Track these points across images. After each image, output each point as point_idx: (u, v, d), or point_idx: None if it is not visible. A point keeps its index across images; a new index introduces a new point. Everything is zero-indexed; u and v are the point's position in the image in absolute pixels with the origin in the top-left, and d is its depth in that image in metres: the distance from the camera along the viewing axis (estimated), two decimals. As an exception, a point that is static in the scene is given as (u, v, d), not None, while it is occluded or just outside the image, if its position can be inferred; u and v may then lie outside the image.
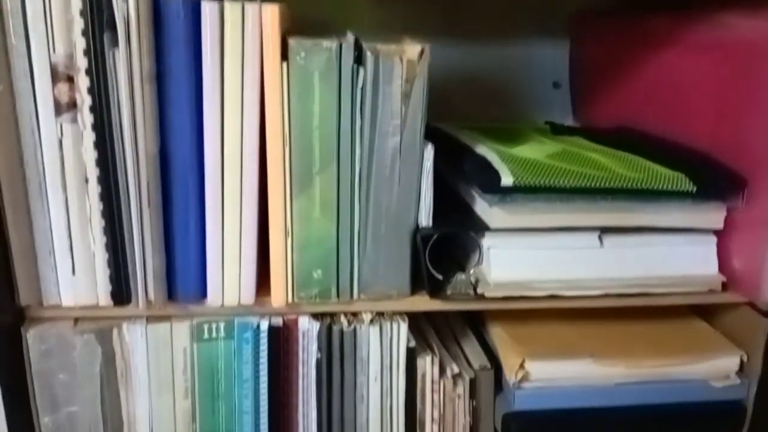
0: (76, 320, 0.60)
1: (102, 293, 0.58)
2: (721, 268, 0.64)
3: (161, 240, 0.58)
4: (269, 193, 0.58)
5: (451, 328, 0.75)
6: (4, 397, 0.59)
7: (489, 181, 0.59)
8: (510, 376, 0.65)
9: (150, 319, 0.61)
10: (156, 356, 0.62)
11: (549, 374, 0.66)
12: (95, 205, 0.56)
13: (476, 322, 0.75)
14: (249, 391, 0.64)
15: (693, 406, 0.67)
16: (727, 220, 0.63)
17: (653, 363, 0.66)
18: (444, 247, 0.63)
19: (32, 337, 0.59)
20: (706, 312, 0.73)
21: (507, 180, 0.58)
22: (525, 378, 0.65)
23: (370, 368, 0.65)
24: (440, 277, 0.62)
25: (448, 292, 0.62)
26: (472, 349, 0.71)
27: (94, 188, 0.56)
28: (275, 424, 0.65)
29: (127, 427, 0.64)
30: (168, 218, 0.58)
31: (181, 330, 0.62)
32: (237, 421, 0.65)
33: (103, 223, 0.57)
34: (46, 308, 0.59)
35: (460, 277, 0.62)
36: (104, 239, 0.57)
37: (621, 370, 0.66)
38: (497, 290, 0.62)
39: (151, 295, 0.59)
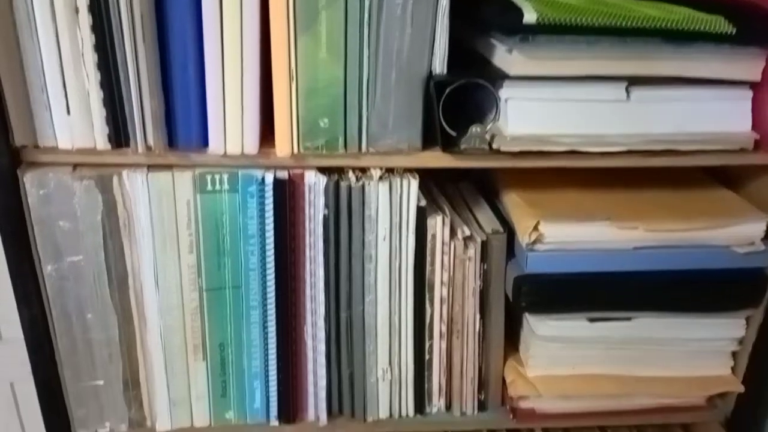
0: (75, 167, 0.57)
1: (99, 136, 0.54)
2: (755, 125, 0.59)
3: (158, 79, 0.53)
4: (271, 29, 0.53)
5: (462, 197, 0.70)
6: (5, 244, 0.56)
7: (510, 20, 0.53)
8: (523, 237, 0.61)
9: (151, 167, 0.57)
10: (159, 208, 0.58)
11: (564, 237, 0.61)
12: (87, 38, 0.51)
13: (489, 194, 0.70)
14: (255, 248, 0.61)
15: (713, 273, 0.63)
16: (766, 72, 0.57)
17: (674, 227, 0.61)
18: (458, 105, 0.58)
19: (29, 180, 0.55)
20: (730, 179, 0.68)
21: (530, 17, 0.52)
22: (539, 240, 0.61)
23: (378, 227, 0.61)
24: (453, 133, 0.58)
25: (462, 146, 0.57)
26: (484, 215, 0.67)
27: (85, 18, 0.50)
28: (282, 282, 0.62)
29: (132, 280, 0.61)
30: (165, 56, 0.53)
31: (184, 180, 0.58)
32: (243, 278, 0.62)
33: (96, 58, 0.52)
34: (42, 151, 0.55)
35: (476, 129, 0.57)
36: (98, 76, 0.52)
37: (640, 233, 0.61)
38: (514, 144, 0.57)
39: (151, 140, 0.55)
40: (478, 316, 0.66)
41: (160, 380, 0.65)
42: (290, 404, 0.68)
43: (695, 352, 0.68)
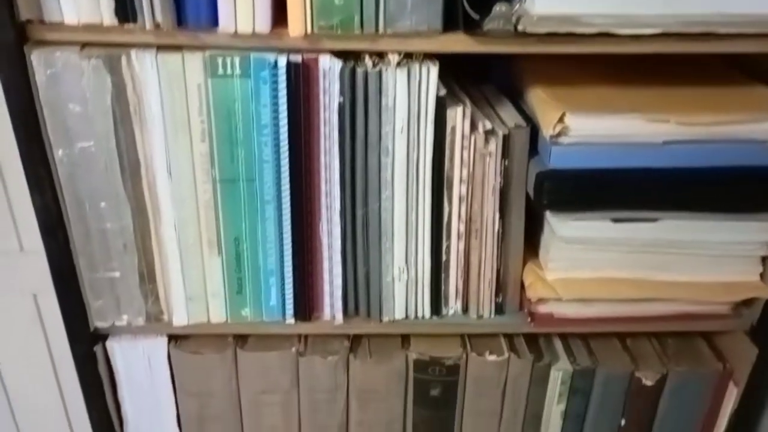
0: (83, 47, 0.54)
1: (105, 10, 0.51)
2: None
3: (165, -52, 0.50)
4: None
5: (484, 96, 0.66)
6: (15, 126, 0.54)
7: None
8: (547, 130, 0.57)
9: (160, 48, 0.54)
10: (169, 92, 0.55)
11: (590, 130, 0.57)
12: None
13: (513, 96, 0.66)
14: (268, 138, 0.58)
15: (746, 170, 0.58)
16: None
17: (707, 120, 0.56)
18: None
19: (37, 59, 0.52)
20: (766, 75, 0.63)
21: None
22: (564, 132, 0.57)
23: (396, 117, 0.58)
24: (476, 16, 0.53)
25: (485, 27, 0.53)
26: (506, 112, 0.63)
27: None
28: (297, 175, 0.59)
29: (144, 169, 0.59)
30: (171, -77, 0.50)
31: (194, 63, 0.54)
32: (257, 170, 0.59)
33: (99, -77, 0.49)
34: (49, 28, 0.51)
35: (500, 8, 0.52)
36: (102, -57, 0.49)
37: (670, 126, 0.57)
38: (541, 25, 0.52)
39: (159, 16, 0.51)
40: (497, 216, 0.63)
41: (175, 274, 0.63)
42: (306, 302, 0.66)
43: (722, 257, 0.64)
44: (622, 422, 0.74)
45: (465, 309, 0.68)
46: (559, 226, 0.62)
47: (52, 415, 1.11)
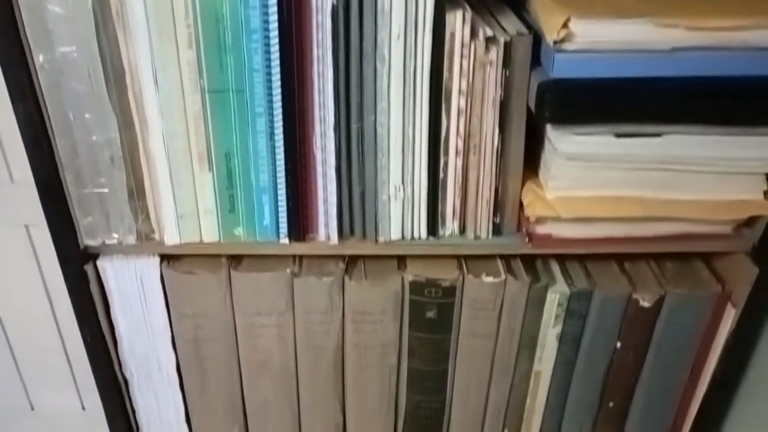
0: (60, -58, 0.50)
1: None
2: None
3: None
4: None
5: (485, 5, 0.63)
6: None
7: None
8: (551, 35, 0.54)
9: (142, -57, 0.51)
10: (153, -7, 0.52)
11: (596, 36, 0.54)
12: None
13: (514, 5, 0.63)
14: (258, 45, 0.55)
15: (756, 80, 0.56)
16: None
17: (719, 24, 0.53)
18: None
19: (10, -47, 0.49)
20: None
21: None
22: (568, 38, 0.54)
23: (392, 22, 0.54)
24: None
25: None
26: (508, 20, 0.60)
27: None
28: (289, 86, 0.57)
29: (130, 79, 0.56)
30: None
31: (178, -39, 0.51)
32: (247, 80, 0.56)
33: None
34: None
35: None
36: None
37: (680, 32, 0.53)
38: None
39: None
40: (497, 131, 0.60)
41: (165, 190, 0.61)
42: (300, 222, 0.64)
43: (726, 174, 0.62)
44: (618, 345, 0.73)
45: (462, 230, 0.66)
46: (560, 142, 0.60)
47: (48, 345, 1.10)
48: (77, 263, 0.63)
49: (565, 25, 0.53)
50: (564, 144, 0.60)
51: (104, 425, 0.77)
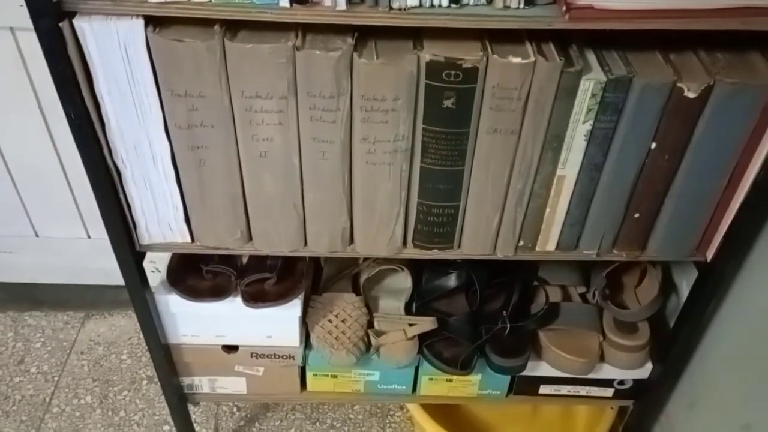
0: None
1: None
2: None
3: None
4: None
5: None
6: None
7: None
8: None
9: None
10: None
11: None
12: None
13: None
14: None
15: None
16: None
17: None
18: None
19: None
20: None
21: None
22: None
23: None
24: None
25: None
26: None
27: None
28: None
29: None
30: None
31: None
32: None
33: None
34: None
35: None
36: None
37: None
38: None
39: None
40: None
41: (144, -73, 0.50)
42: (302, -21, 0.54)
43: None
44: (653, 146, 0.64)
45: (490, -3, 0.55)
46: None
47: (48, 170, 1.04)
48: (51, 19, 0.54)
49: None
50: None
51: (110, 254, 0.71)
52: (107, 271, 1.05)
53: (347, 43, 0.58)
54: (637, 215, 0.69)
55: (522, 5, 0.55)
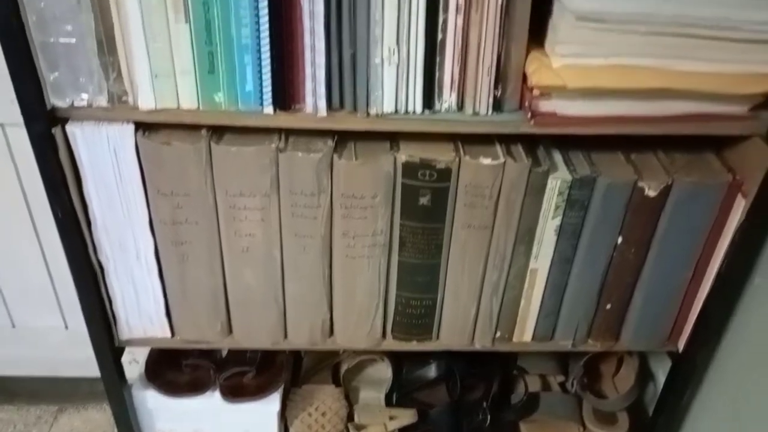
0: None
1: None
2: None
3: None
4: None
5: None
6: None
7: None
8: None
9: None
10: None
11: None
12: None
13: None
14: None
15: None
16: None
17: None
18: None
19: None
20: None
21: None
22: None
23: None
24: None
25: None
26: None
27: None
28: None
29: None
30: None
31: None
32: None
33: None
34: None
35: None
36: None
37: None
38: None
39: None
40: (502, -17, 0.53)
41: (138, 43, 0.53)
42: (285, 88, 0.56)
43: (747, 43, 0.54)
44: (619, 240, 0.66)
45: (460, 105, 0.59)
46: (571, -1, 0.52)
47: (29, 260, 1.03)
48: (44, 123, 0.55)
49: None
50: (575, 0, 0.52)
51: (87, 344, 0.71)
52: (83, 362, 1.02)
53: (328, 145, 0.61)
54: (609, 306, 0.70)
55: (490, 112, 0.59)
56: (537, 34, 0.57)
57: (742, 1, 0.52)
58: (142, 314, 0.70)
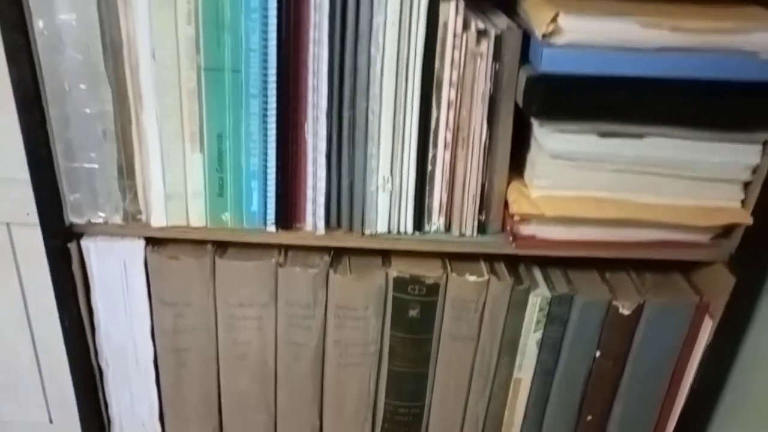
0: None
1: None
2: None
3: None
4: None
5: (478, 5, 0.62)
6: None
7: None
8: (540, 29, 0.53)
9: None
10: (156, -34, 0.51)
11: (583, 32, 0.52)
12: None
13: (506, 10, 0.62)
14: (256, 24, 0.53)
15: (737, 84, 0.54)
16: None
17: (702, 26, 0.53)
18: None
19: None
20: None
21: None
22: (556, 32, 0.53)
23: (388, 8, 0.53)
24: None
25: None
26: (499, 18, 0.59)
27: None
28: (284, 66, 0.55)
29: (128, 51, 0.53)
30: None
31: (184, -66, 0.50)
32: (244, 60, 0.54)
33: None
34: None
35: None
36: None
37: (664, 33, 0.52)
38: None
39: None
40: (485, 125, 0.58)
41: (155, 169, 0.58)
42: (288, 210, 0.61)
43: (705, 181, 0.60)
44: (597, 354, 0.69)
45: (447, 227, 0.64)
46: (546, 140, 0.58)
47: (19, 354, 1.04)
48: (61, 239, 0.59)
49: (554, 20, 0.52)
50: (550, 141, 0.58)
51: None
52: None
53: (324, 260, 0.65)
54: (589, 417, 0.73)
55: (475, 234, 0.63)
56: (517, 166, 0.63)
57: (698, 145, 0.58)
58: (135, 418, 0.71)
